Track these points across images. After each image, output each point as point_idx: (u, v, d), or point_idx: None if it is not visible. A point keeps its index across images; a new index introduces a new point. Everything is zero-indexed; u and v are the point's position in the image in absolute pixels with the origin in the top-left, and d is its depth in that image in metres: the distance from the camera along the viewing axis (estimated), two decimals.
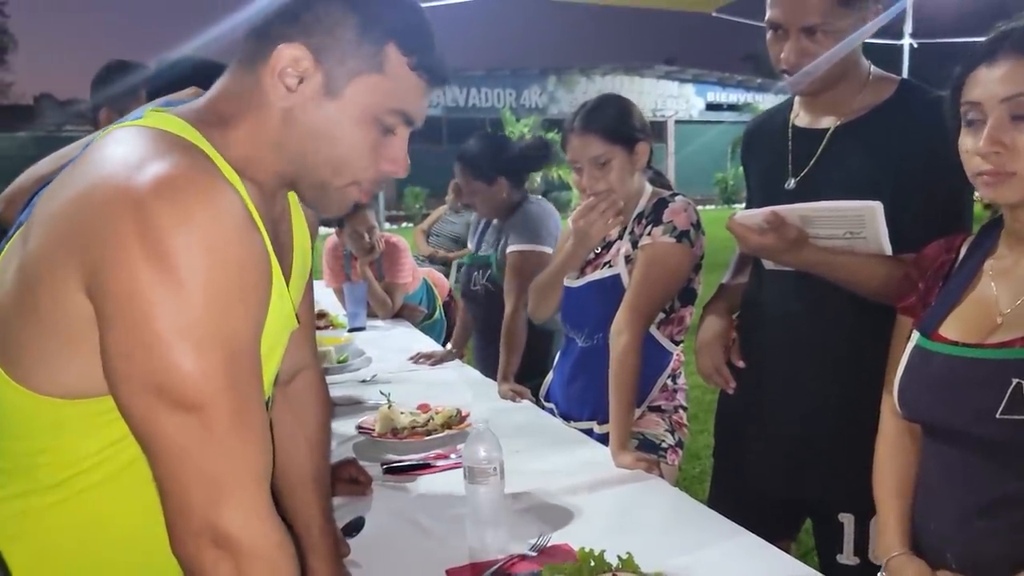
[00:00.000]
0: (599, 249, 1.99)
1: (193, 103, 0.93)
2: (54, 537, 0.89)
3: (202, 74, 1.80)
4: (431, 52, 0.93)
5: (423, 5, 0.99)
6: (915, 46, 10.13)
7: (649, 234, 1.85)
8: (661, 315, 1.90)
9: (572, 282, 2.02)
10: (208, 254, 0.75)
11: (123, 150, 0.80)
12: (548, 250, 2.46)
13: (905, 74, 10.03)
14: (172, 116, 0.88)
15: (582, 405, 2.02)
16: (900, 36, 9.96)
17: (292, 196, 1.05)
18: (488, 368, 2.64)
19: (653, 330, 1.89)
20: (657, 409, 1.94)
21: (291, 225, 1.06)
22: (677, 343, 1.97)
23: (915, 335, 1.24)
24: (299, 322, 1.12)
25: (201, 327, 0.75)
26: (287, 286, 1.01)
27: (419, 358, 2.83)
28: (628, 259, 1.90)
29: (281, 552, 0.80)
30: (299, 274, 1.08)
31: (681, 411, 1.98)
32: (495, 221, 2.78)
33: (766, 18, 1.53)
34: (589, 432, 1.98)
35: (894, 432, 1.30)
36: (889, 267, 1.40)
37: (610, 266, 1.94)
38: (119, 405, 0.78)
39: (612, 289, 1.90)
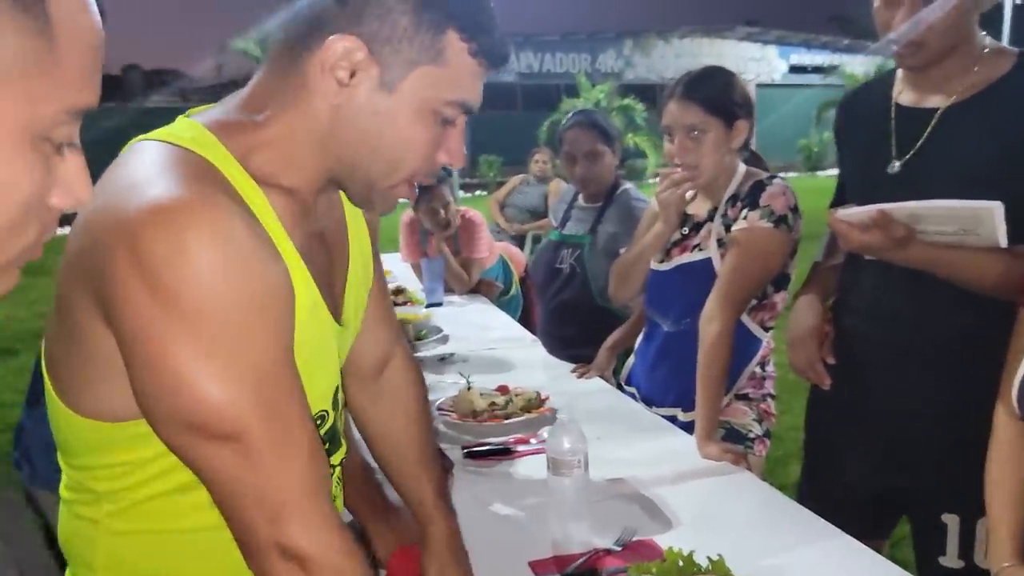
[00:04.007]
0: (687, 230, 1.92)
1: (231, 99, 0.89)
2: (123, 544, 0.90)
3: None
4: (492, 34, 0.86)
5: None
6: (1018, 3, 9.53)
7: (745, 218, 1.78)
8: (753, 301, 1.83)
9: (659, 265, 1.96)
10: (210, 283, 0.71)
11: (129, 171, 0.77)
12: None
13: (1007, 35, 9.44)
14: (197, 123, 0.84)
15: (666, 391, 1.97)
16: None
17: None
18: (556, 348, 2.61)
19: (744, 316, 1.83)
20: (744, 398, 1.89)
21: (344, 218, 1.02)
22: (767, 329, 1.90)
23: None
24: (372, 307, 1.12)
25: (219, 357, 0.72)
26: (345, 281, 1.00)
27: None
28: (720, 242, 1.84)
29: (349, 559, 0.79)
30: (359, 268, 1.05)
31: (769, 400, 1.91)
32: (581, 200, 2.73)
33: None
34: (672, 419, 1.93)
35: (1010, 437, 1.22)
36: (1007, 261, 1.30)
37: (700, 249, 1.88)
38: (160, 439, 0.77)
39: (702, 273, 1.84)
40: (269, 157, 0.85)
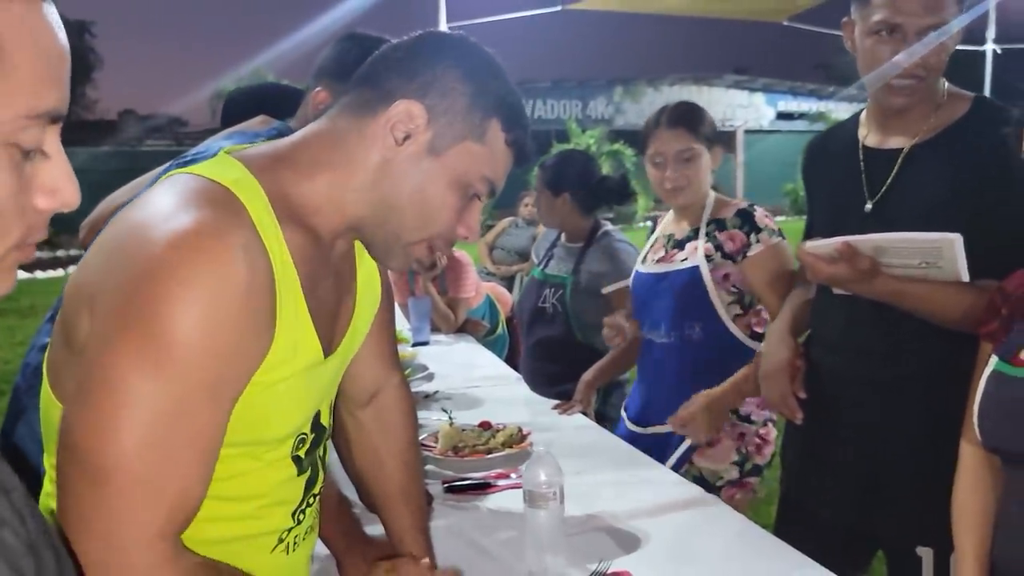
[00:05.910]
0: (671, 247, 2.03)
1: (280, 143, 0.97)
2: None
3: (270, 101, 1.86)
4: (525, 131, 0.99)
5: (493, 19, 1.03)
6: (998, 52, 9.72)
7: (758, 241, 1.93)
8: (738, 309, 1.94)
9: (642, 267, 2.08)
10: (189, 326, 0.77)
11: (160, 202, 0.84)
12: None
13: (988, 82, 9.64)
14: (237, 162, 0.90)
15: (664, 408, 2.00)
16: (982, 41, 9.59)
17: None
18: (536, 385, 2.64)
19: (729, 325, 1.93)
20: (747, 420, 1.95)
21: (354, 263, 1.08)
22: (757, 338, 1.97)
23: (993, 360, 1.19)
24: (378, 343, 1.19)
25: (152, 382, 0.76)
26: (351, 318, 1.05)
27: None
28: (709, 258, 1.95)
29: None
30: (366, 304, 1.10)
31: (770, 424, 1.99)
32: (563, 240, 2.78)
33: (877, 19, 1.41)
34: (669, 435, 2.00)
35: (973, 463, 1.24)
36: (969, 295, 1.34)
37: (686, 260, 1.98)
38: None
39: (689, 281, 1.95)
40: (308, 196, 0.93)
